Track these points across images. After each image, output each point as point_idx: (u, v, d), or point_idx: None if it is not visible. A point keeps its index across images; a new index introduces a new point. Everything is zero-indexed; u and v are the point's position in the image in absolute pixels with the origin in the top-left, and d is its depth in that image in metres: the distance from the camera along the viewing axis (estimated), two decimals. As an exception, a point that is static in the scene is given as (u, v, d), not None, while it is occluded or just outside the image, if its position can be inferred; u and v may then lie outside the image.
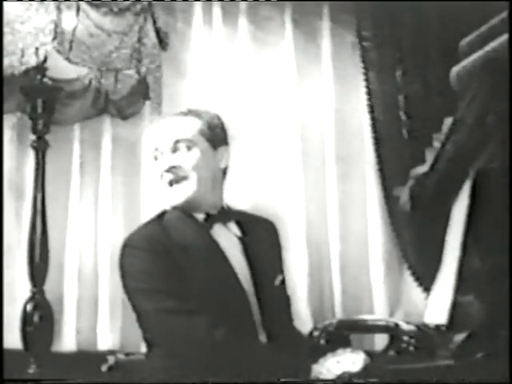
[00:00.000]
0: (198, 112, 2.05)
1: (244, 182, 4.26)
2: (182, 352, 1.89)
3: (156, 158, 2.03)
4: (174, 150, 1.99)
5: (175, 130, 2.00)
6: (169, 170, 1.98)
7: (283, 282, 2.11)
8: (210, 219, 2.02)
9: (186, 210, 2.00)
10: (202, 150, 2.00)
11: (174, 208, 2.02)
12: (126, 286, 1.99)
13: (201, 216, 2.02)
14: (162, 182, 2.01)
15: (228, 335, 1.86)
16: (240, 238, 2.04)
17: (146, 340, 2.02)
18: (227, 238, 2.02)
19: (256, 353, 1.91)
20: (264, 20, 4.51)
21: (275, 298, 2.05)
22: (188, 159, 1.98)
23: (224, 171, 2.07)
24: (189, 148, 1.98)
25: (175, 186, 1.99)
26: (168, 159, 1.98)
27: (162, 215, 2.05)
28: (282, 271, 2.13)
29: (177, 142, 1.98)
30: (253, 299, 1.99)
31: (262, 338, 1.98)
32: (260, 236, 2.08)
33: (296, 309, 4.25)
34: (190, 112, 2.05)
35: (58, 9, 3.83)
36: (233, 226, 2.05)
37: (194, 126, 2.01)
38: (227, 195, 2.10)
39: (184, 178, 1.98)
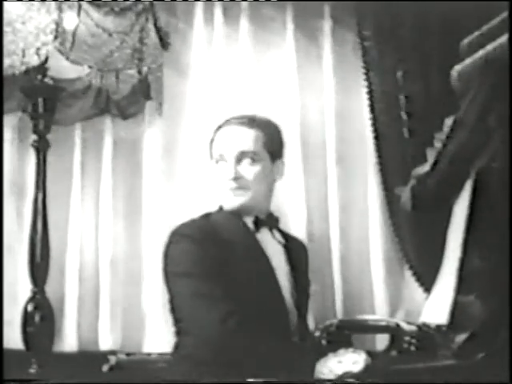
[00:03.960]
0: (262, 123, 2.15)
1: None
2: (206, 339, 1.90)
3: (218, 163, 2.10)
4: (239, 160, 2.08)
5: (242, 141, 2.09)
6: (233, 179, 2.06)
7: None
8: (258, 223, 2.11)
9: (237, 213, 2.09)
10: (264, 164, 2.11)
11: (224, 210, 2.10)
12: (167, 272, 2.05)
13: (249, 219, 2.10)
14: (223, 187, 2.09)
15: (240, 324, 1.88)
16: (284, 245, 2.13)
17: (178, 331, 2.05)
18: (272, 243, 2.12)
19: (288, 351, 1.94)
20: (265, 20, 4.50)
21: (307, 308, 2.18)
22: (251, 171, 2.08)
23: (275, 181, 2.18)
24: (253, 160, 2.09)
25: (235, 192, 2.08)
26: (232, 168, 2.07)
27: (206, 216, 2.11)
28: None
29: (242, 153, 2.07)
30: (291, 306, 2.07)
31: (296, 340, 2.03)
32: (298, 249, 2.21)
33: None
34: (254, 122, 2.13)
35: (60, 8, 3.84)
36: (277, 233, 2.15)
37: (259, 139, 2.11)
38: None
39: (245, 188, 2.07)
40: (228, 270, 1.96)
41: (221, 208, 2.13)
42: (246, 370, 1.87)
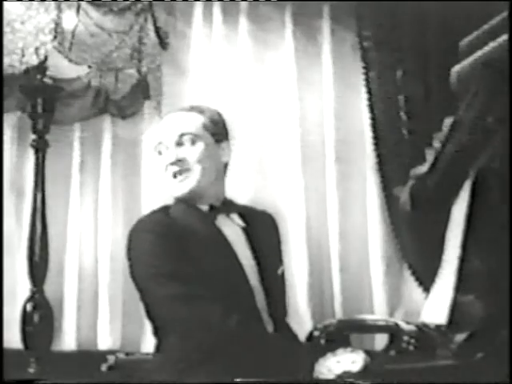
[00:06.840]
0: (200, 108, 2.11)
1: (244, 181, 4.26)
2: (196, 338, 1.89)
3: (160, 153, 2.06)
4: (179, 143, 2.03)
5: (180, 124, 2.05)
6: (174, 163, 2.01)
7: (283, 273, 2.14)
8: (214, 210, 2.05)
9: (189, 201, 2.04)
10: (206, 144, 2.04)
11: (178, 200, 2.05)
12: (135, 273, 2.01)
13: (205, 207, 2.05)
14: (167, 175, 2.04)
15: (241, 323, 1.87)
16: (243, 229, 2.08)
17: (156, 332, 2.02)
18: (231, 228, 2.06)
19: (268, 342, 1.91)
20: (264, 20, 4.50)
21: (278, 288, 2.09)
22: (192, 152, 2.02)
23: (225, 166, 2.11)
24: (193, 142, 2.03)
25: (179, 177, 2.02)
26: (173, 152, 2.02)
27: (164, 209, 2.07)
28: (281, 263, 2.16)
29: (181, 135, 2.03)
30: (258, 288, 2.01)
31: (269, 327, 2.00)
32: (261, 227, 2.12)
33: (296, 308, 4.28)
34: (192, 108, 2.10)
35: (59, 8, 3.84)
36: (235, 217, 2.09)
37: (197, 121, 2.06)
38: (229, 194, 2.13)
39: (188, 170, 2.01)
40: (195, 263, 1.92)
41: (177, 200, 2.07)
42: (239, 370, 1.85)
